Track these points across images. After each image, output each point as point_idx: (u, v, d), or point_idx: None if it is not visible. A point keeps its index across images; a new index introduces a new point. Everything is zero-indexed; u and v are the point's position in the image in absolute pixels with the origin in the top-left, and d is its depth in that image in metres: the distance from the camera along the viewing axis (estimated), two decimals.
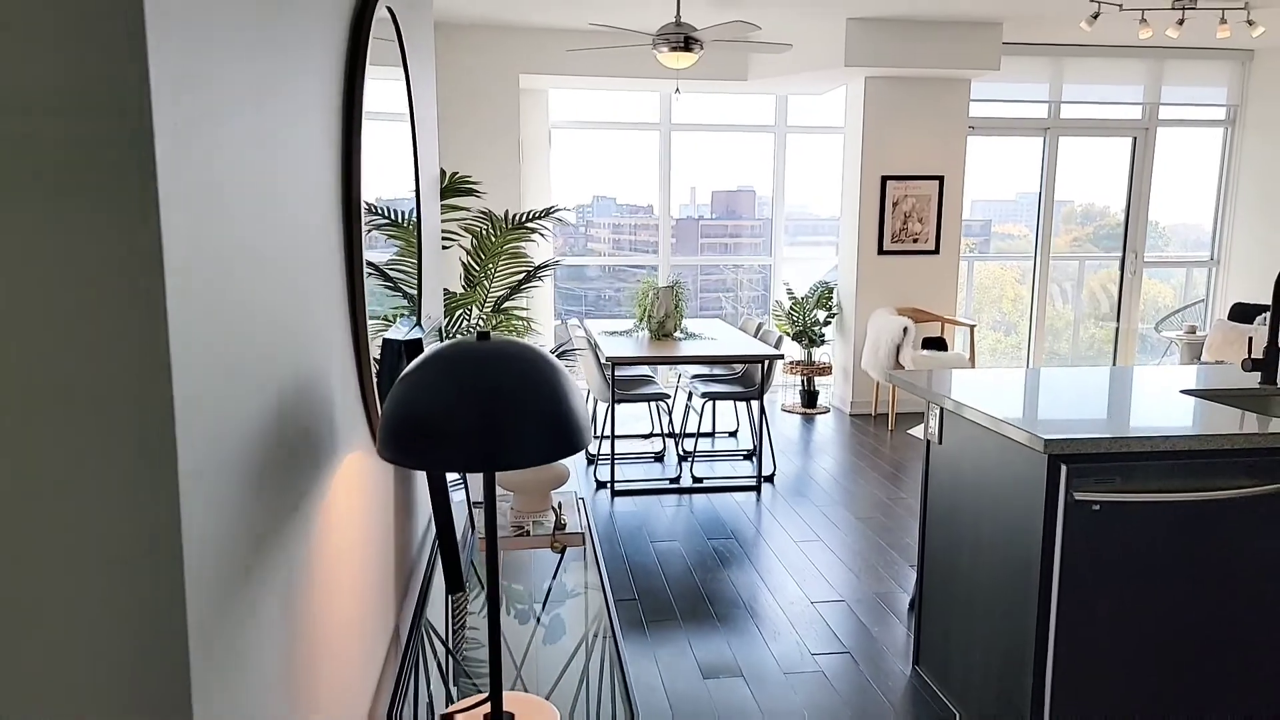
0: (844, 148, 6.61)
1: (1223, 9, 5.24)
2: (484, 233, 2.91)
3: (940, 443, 2.73)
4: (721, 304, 7.92)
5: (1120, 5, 5.24)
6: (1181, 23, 5.29)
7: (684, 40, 4.88)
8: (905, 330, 5.98)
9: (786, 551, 3.88)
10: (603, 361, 4.56)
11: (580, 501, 2.00)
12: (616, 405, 4.83)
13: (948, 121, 6.32)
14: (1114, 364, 7.26)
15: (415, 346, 1.47)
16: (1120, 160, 7.01)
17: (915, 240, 6.43)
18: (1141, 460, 2.11)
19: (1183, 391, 2.67)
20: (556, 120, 7.00)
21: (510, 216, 2.98)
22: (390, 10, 1.52)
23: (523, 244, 3.01)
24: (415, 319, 1.75)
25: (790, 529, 4.16)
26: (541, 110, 6.78)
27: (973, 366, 6.16)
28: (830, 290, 6.68)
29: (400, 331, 1.52)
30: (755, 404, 4.90)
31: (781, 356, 4.66)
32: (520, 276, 2.99)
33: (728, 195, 7.67)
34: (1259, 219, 6.69)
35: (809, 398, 6.62)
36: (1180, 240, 7.41)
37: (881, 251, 6.41)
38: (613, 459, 4.69)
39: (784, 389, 7.01)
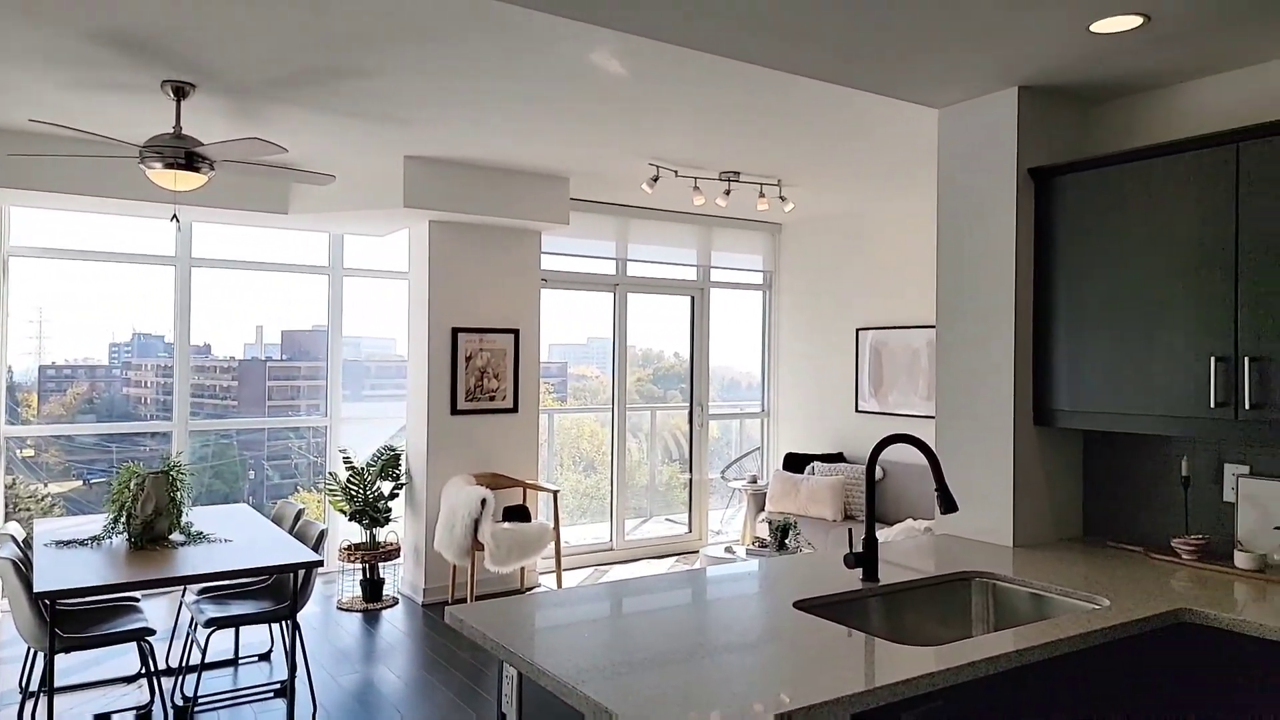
0: (409, 296, 5.88)
1: (761, 184, 5.62)
2: None
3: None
4: (269, 475, 6.52)
5: (676, 171, 5.35)
6: (728, 193, 5.55)
7: (185, 156, 3.79)
8: (484, 502, 5.24)
9: None
10: (35, 594, 3.03)
11: None
12: (64, 653, 3.27)
13: (521, 273, 5.94)
14: (690, 508, 7.27)
15: None
16: (682, 315, 7.27)
17: (492, 398, 5.83)
18: None
19: (796, 605, 2.20)
20: (19, 245, 5.28)
21: None
22: None
23: None
24: None
25: None
26: None
27: (557, 536, 5.60)
28: (397, 456, 5.74)
29: None
30: (289, 623, 3.69)
31: (320, 563, 3.56)
32: None
33: (302, 335, 6.48)
34: (796, 374, 7.30)
35: (372, 589, 5.48)
36: (738, 391, 7.86)
37: (455, 411, 5.68)
38: None
39: (343, 576, 5.78)
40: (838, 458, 6.60)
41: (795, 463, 6.64)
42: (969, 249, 3.09)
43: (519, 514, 5.65)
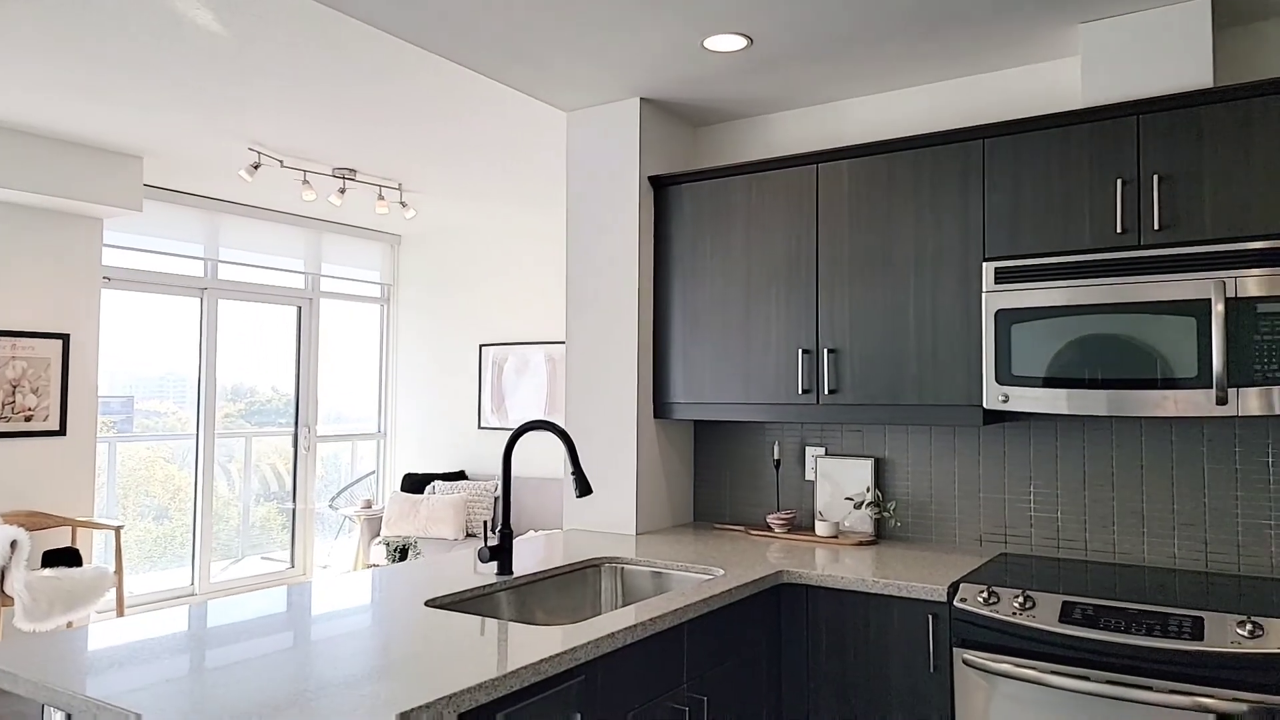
0: None
1: (380, 186, 5.30)
2: None
3: None
4: None
5: (282, 161, 4.82)
6: (343, 192, 5.15)
7: None
8: (14, 544, 4.17)
9: None
10: None
11: None
12: None
13: (74, 267, 4.89)
14: (292, 543, 6.56)
15: None
16: (287, 332, 6.58)
17: (28, 418, 4.68)
18: None
19: (428, 604, 1.98)
20: None
21: None
22: None
23: None
24: None
25: None
26: None
27: (120, 581, 4.64)
28: None
29: None
30: None
31: None
32: None
33: None
34: (414, 392, 7.01)
35: None
36: (348, 421, 7.31)
37: None
38: None
39: None
40: (459, 476, 6.43)
41: (414, 483, 6.33)
42: (596, 251, 3.17)
43: (67, 558, 4.58)
